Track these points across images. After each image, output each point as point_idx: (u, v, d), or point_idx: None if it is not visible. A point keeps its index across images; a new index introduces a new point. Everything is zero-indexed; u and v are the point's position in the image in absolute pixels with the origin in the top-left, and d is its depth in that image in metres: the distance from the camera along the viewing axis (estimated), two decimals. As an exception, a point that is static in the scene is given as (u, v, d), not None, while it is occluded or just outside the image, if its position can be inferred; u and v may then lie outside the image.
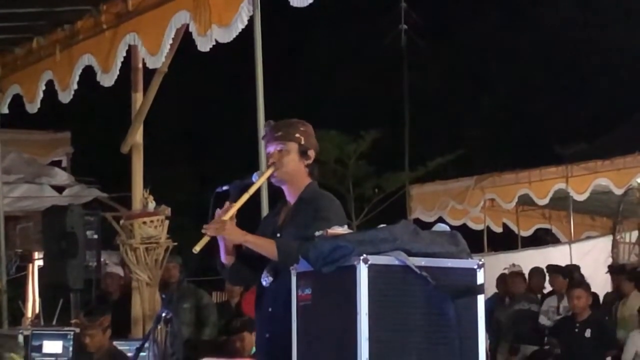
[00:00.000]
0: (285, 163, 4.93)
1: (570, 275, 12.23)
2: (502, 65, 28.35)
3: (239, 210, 4.81)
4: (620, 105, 22.43)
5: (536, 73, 28.42)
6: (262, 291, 4.93)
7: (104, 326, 7.65)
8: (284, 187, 5.04)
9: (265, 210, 6.78)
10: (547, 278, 12.96)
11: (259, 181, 4.93)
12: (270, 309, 4.85)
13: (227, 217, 4.74)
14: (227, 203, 4.81)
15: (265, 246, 4.76)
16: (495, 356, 12.32)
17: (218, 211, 4.81)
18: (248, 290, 11.12)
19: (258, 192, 5.04)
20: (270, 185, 5.22)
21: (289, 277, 4.44)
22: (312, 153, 5.00)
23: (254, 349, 8.17)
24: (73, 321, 8.94)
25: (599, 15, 26.73)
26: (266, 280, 4.88)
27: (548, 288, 13.05)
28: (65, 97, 9.85)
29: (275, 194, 5.21)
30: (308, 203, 4.91)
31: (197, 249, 4.68)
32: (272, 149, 4.98)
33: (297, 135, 4.96)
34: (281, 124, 5.03)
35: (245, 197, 4.83)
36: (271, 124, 5.07)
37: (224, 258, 4.93)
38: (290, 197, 5.02)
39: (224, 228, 4.73)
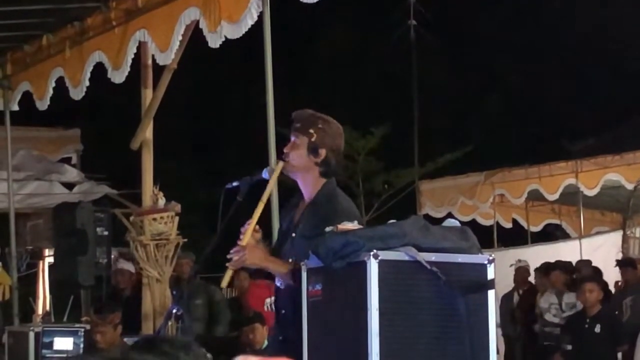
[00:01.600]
0: (291, 157, 4.81)
1: (575, 271, 12.16)
2: (511, 60, 28.29)
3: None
4: (629, 99, 22.36)
5: (544, 68, 28.36)
6: (277, 293, 4.91)
7: (115, 323, 7.64)
8: (297, 181, 4.90)
9: (275, 208, 6.76)
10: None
11: (271, 181, 4.83)
12: (283, 311, 4.82)
13: (244, 242, 4.69)
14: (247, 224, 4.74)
15: (282, 273, 4.70)
16: None
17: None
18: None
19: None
20: (280, 184, 5.17)
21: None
22: (323, 152, 4.81)
23: (265, 342, 8.20)
24: (84, 318, 8.97)
25: (607, 9, 26.64)
26: (280, 281, 4.84)
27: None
28: (77, 94, 9.84)
29: (287, 192, 5.18)
30: (320, 208, 4.77)
31: (223, 284, 4.79)
32: (290, 139, 4.87)
33: (312, 130, 4.79)
34: (303, 115, 4.87)
35: (260, 207, 4.76)
36: (297, 113, 4.91)
37: None
38: (305, 194, 4.89)
39: (245, 259, 4.67)
